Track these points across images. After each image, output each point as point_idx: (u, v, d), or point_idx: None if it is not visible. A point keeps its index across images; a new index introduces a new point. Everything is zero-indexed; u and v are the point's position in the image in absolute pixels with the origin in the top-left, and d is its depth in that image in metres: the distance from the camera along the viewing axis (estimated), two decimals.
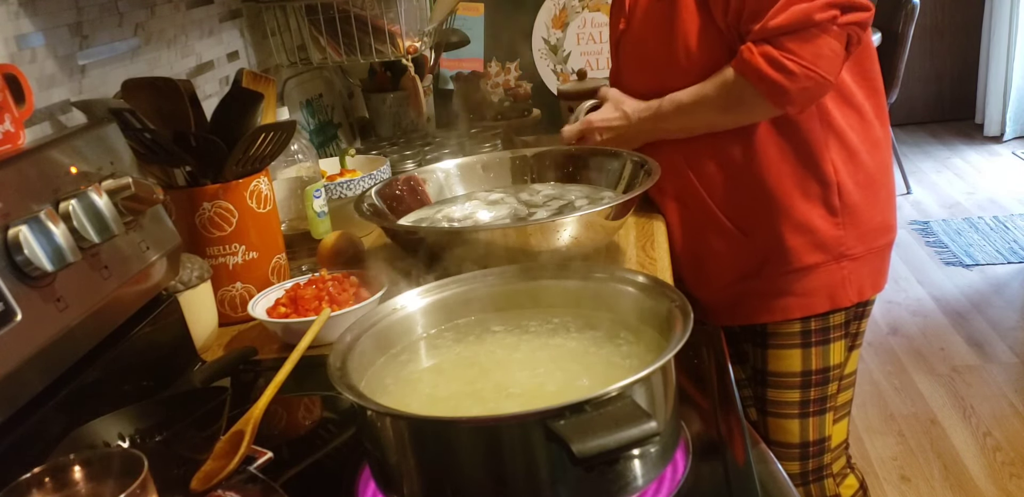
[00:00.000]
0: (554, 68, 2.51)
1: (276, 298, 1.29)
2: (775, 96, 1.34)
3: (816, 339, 1.53)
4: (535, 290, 1.05)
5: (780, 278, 1.50)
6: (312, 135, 2.07)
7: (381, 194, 1.45)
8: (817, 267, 1.49)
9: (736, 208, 1.49)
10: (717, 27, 1.41)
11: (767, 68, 1.32)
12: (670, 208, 1.57)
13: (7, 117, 1.03)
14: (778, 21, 1.30)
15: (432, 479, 0.83)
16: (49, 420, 0.94)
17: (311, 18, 1.85)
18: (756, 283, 1.51)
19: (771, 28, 1.31)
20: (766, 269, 1.50)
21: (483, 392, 0.91)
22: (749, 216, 1.48)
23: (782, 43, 1.31)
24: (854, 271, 1.51)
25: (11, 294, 0.87)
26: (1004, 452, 2.52)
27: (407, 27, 1.83)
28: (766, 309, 1.53)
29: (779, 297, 1.51)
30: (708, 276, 1.55)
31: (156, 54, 1.53)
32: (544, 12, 2.49)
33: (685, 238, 1.56)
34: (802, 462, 1.61)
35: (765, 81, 1.33)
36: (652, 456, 0.82)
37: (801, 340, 1.54)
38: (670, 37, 1.45)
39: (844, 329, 1.55)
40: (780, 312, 1.52)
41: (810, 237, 1.47)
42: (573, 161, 1.53)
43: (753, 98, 1.36)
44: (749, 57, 1.34)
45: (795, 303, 1.51)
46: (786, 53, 1.31)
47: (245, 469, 0.93)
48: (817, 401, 1.56)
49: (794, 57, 1.31)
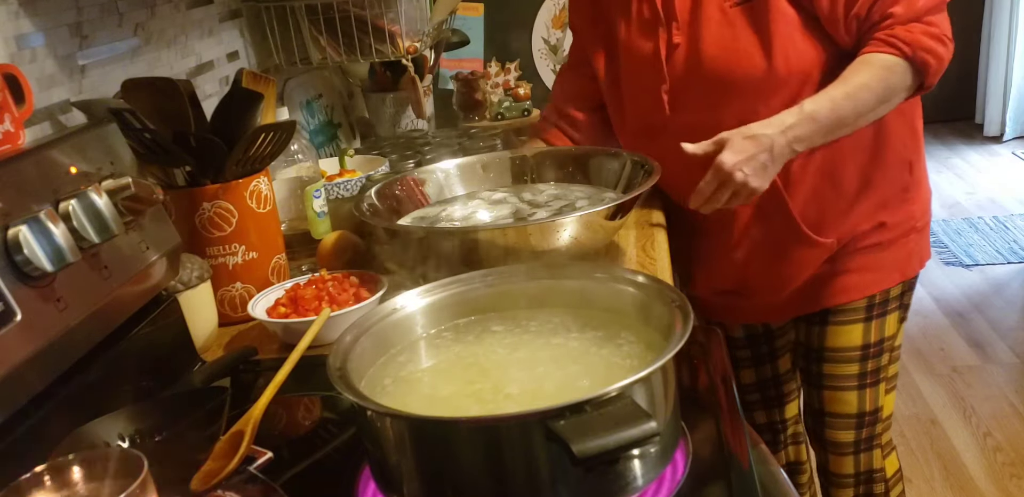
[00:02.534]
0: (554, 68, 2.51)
1: (276, 298, 1.29)
2: (938, 72, 1.32)
3: (877, 312, 1.54)
4: (535, 290, 1.05)
5: (851, 257, 1.50)
6: (312, 135, 2.07)
7: (381, 194, 1.45)
8: (891, 243, 1.50)
9: (816, 212, 1.46)
10: (816, 25, 1.35)
11: (935, 44, 1.30)
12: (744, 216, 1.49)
13: (7, 117, 1.03)
14: (924, 2, 1.30)
15: (432, 479, 0.83)
16: (49, 420, 0.94)
17: (311, 18, 1.85)
18: (828, 267, 1.51)
19: (920, 8, 1.30)
20: (840, 258, 1.50)
21: (483, 392, 0.91)
22: (827, 219, 1.47)
23: (932, 19, 1.31)
24: (919, 242, 1.54)
25: (11, 294, 0.87)
26: (1004, 452, 2.52)
27: (407, 27, 1.83)
28: (840, 290, 1.53)
29: (852, 275, 1.51)
30: (784, 276, 1.53)
31: (156, 54, 1.53)
32: (544, 12, 2.49)
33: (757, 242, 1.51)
34: (857, 431, 1.62)
35: (935, 58, 1.30)
36: (652, 456, 0.82)
37: (865, 314, 1.54)
38: (765, 44, 1.35)
39: (900, 300, 1.56)
40: (854, 290, 1.52)
41: (885, 215, 1.48)
42: (573, 161, 1.53)
43: (908, 83, 1.31)
44: (915, 38, 1.29)
45: (870, 279, 1.51)
46: (938, 29, 1.31)
47: (245, 469, 0.93)
48: (872, 373, 1.58)
49: (944, 31, 1.32)
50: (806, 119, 1.27)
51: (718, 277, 1.58)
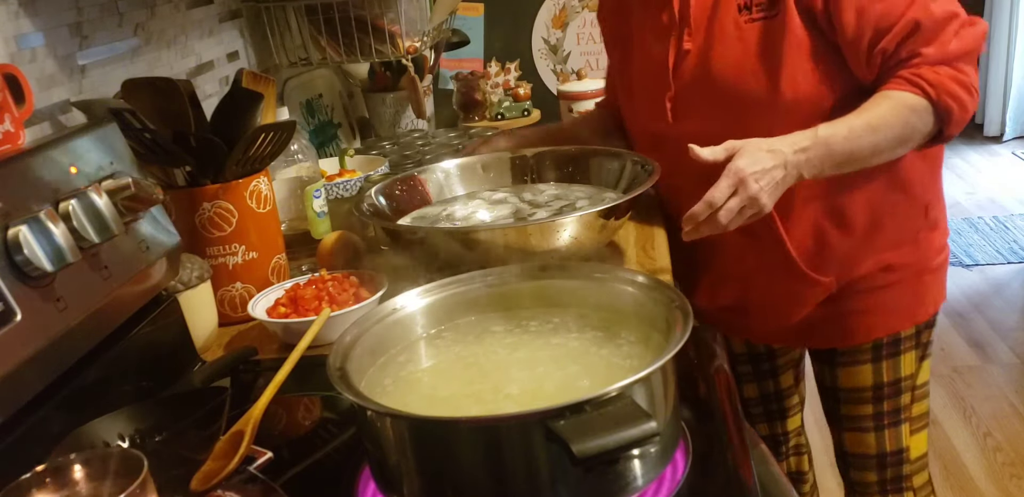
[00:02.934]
0: (554, 68, 2.51)
1: (276, 298, 1.29)
2: (961, 121, 1.24)
3: (887, 352, 1.46)
4: (535, 290, 1.05)
5: (853, 298, 1.41)
6: (312, 135, 2.07)
7: (381, 194, 1.45)
8: (898, 285, 1.41)
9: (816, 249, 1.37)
10: (835, 53, 1.27)
11: (961, 91, 1.22)
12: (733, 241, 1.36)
13: (7, 117, 1.03)
14: (960, 44, 1.22)
15: (432, 479, 0.83)
16: (49, 420, 0.94)
17: (311, 18, 1.85)
18: (832, 309, 1.42)
19: (953, 52, 1.22)
20: (843, 297, 1.41)
21: (483, 392, 0.91)
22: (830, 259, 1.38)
23: (962, 67, 1.23)
24: (931, 284, 1.44)
25: (11, 294, 0.87)
26: (1004, 452, 2.52)
27: (407, 27, 1.83)
28: (846, 331, 1.45)
29: (857, 317, 1.42)
30: (782, 307, 1.44)
31: (156, 54, 1.53)
32: (544, 12, 2.49)
33: (754, 271, 1.43)
34: (879, 472, 1.55)
35: (960, 105, 1.22)
36: (652, 456, 0.82)
37: (872, 355, 1.46)
38: (773, 66, 1.27)
39: (915, 340, 1.47)
40: (861, 334, 1.44)
41: (893, 257, 1.39)
42: (573, 161, 1.53)
43: (928, 127, 1.23)
44: (941, 82, 1.21)
45: (874, 322, 1.43)
46: (967, 76, 1.23)
47: (245, 469, 0.93)
48: (891, 413, 1.50)
49: (972, 80, 1.24)
50: (820, 143, 1.19)
51: (717, 292, 1.51)
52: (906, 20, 1.21)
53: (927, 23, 1.21)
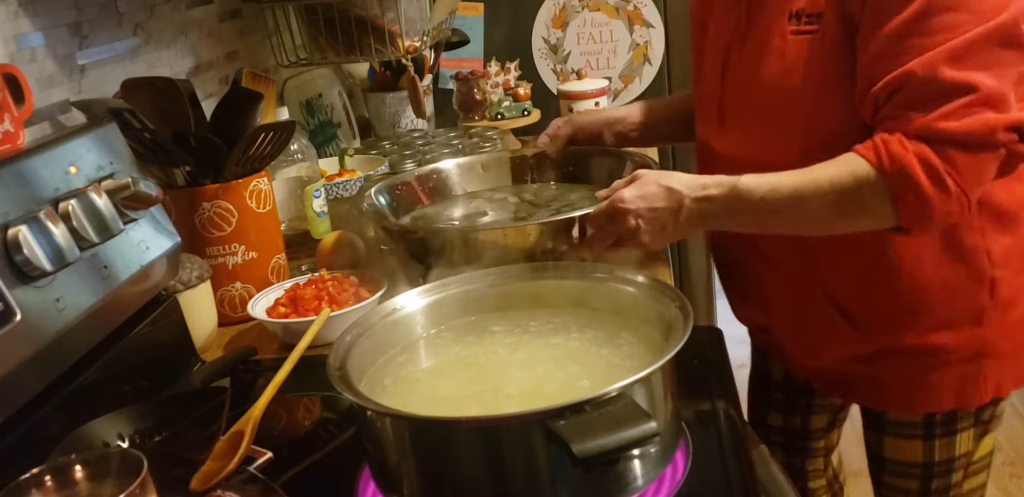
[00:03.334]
0: (554, 68, 2.51)
1: (276, 298, 1.29)
2: (915, 214, 1.02)
3: (941, 431, 1.27)
4: (535, 290, 1.05)
5: (898, 369, 1.22)
6: (312, 135, 2.07)
7: (382, 193, 1.44)
8: (948, 365, 1.20)
9: (852, 300, 1.20)
10: None
11: (924, 179, 0.99)
12: (757, 267, 1.27)
13: (7, 117, 1.03)
14: (955, 125, 0.98)
15: (432, 479, 0.83)
16: (49, 420, 0.94)
17: (311, 18, 1.84)
18: (868, 369, 1.24)
19: (941, 130, 0.98)
20: (881, 360, 1.22)
21: (482, 392, 0.91)
22: (867, 311, 1.19)
23: (947, 153, 0.99)
24: (995, 368, 1.21)
25: (11, 294, 0.87)
26: (1004, 452, 2.52)
27: (407, 27, 1.83)
28: (881, 397, 1.27)
29: (897, 387, 1.24)
30: (808, 346, 1.29)
31: (156, 54, 1.53)
32: (544, 12, 2.49)
33: (775, 302, 1.29)
34: None
35: (916, 194, 1.00)
36: (652, 456, 0.82)
37: (923, 431, 1.27)
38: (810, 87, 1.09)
39: (975, 418, 1.26)
40: (898, 403, 1.26)
41: (943, 341, 1.18)
42: (573, 161, 1.52)
43: (880, 208, 1.02)
44: (903, 157, 0.99)
45: (918, 397, 1.24)
46: (949, 166, 0.99)
47: (245, 469, 0.93)
48: (939, 491, 1.32)
49: (956, 174, 0.99)
50: (731, 197, 1.05)
51: (749, 308, 1.37)
52: (901, 70, 1.00)
53: (922, 83, 0.99)
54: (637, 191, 1.08)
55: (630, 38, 2.49)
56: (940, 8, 0.99)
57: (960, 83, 0.98)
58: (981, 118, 0.98)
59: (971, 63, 0.98)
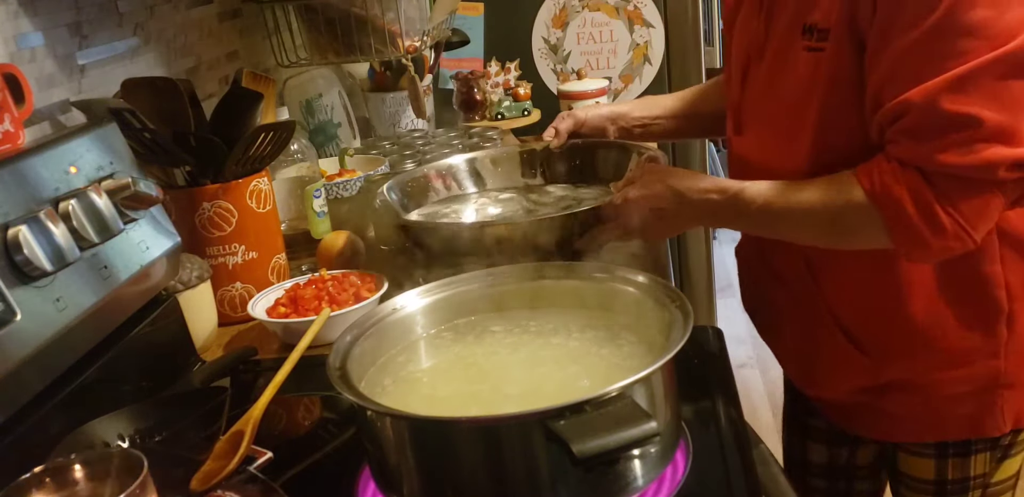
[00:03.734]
0: (554, 68, 2.51)
1: (276, 298, 1.29)
2: (908, 245, 0.99)
3: (955, 451, 1.22)
4: (535, 290, 1.05)
5: (909, 403, 1.18)
6: (312, 135, 2.07)
7: (394, 189, 1.43)
8: (962, 397, 1.16)
9: (859, 326, 1.16)
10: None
11: (914, 213, 0.96)
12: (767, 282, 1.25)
13: (7, 117, 1.03)
14: (955, 160, 0.93)
15: (432, 479, 0.83)
16: (49, 420, 0.94)
17: (311, 18, 1.84)
18: (877, 400, 1.20)
19: (940, 163, 0.94)
20: (891, 392, 1.18)
21: (482, 392, 0.91)
22: (875, 340, 1.16)
23: (945, 188, 0.95)
24: (1012, 399, 1.16)
25: (11, 294, 0.87)
26: None
27: (407, 27, 1.83)
28: (889, 428, 1.23)
29: (907, 419, 1.20)
30: (813, 376, 1.26)
31: (156, 54, 1.53)
32: (544, 12, 2.49)
33: (782, 324, 1.26)
34: None
35: (906, 227, 0.97)
36: (652, 456, 0.82)
37: (936, 451, 1.22)
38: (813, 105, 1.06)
39: (990, 443, 1.21)
40: (906, 434, 1.23)
41: (957, 372, 1.14)
42: (581, 155, 1.51)
43: (874, 234, 1.00)
44: (894, 189, 0.96)
45: (927, 427, 1.20)
46: (946, 203, 0.95)
47: (245, 469, 0.93)
48: None
49: (953, 211, 0.95)
50: (729, 202, 1.06)
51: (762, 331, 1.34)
52: (901, 98, 0.95)
53: (921, 114, 0.94)
54: (644, 190, 1.12)
55: (630, 38, 2.49)
56: (950, 32, 0.92)
57: (961, 116, 0.92)
58: (984, 154, 0.92)
59: (974, 95, 0.92)
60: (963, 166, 0.93)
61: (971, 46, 0.91)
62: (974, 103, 0.92)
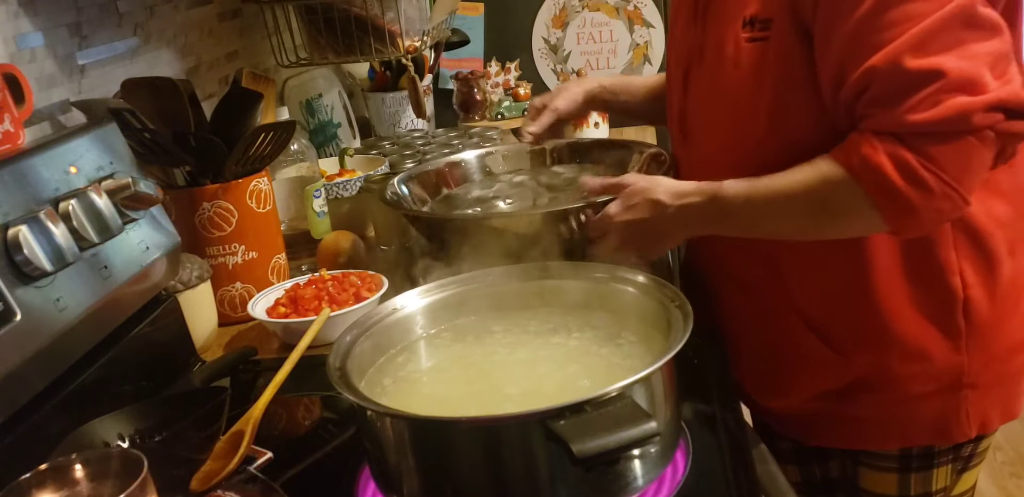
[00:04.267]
0: (554, 68, 2.51)
1: (276, 298, 1.29)
2: (898, 215, 0.97)
3: (917, 465, 1.21)
4: (535, 290, 1.05)
5: (874, 405, 1.17)
6: (312, 135, 2.07)
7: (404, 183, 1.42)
8: (926, 397, 1.15)
9: (826, 321, 1.15)
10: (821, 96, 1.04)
11: (897, 178, 0.94)
12: (727, 292, 1.24)
13: (7, 117, 1.03)
14: (925, 116, 0.92)
15: (432, 479, 0.83)
16: (49, 420, 0.94)
17: (311, 18, 1.84)
18: (841, 405, 1.18)
19: (911, 123, 0.93)
20: (857, 394, 1.17)
21: (482, 392, 0.91)
22: (843, 333, 1.15)
23: (923, 147, 0.94)
24: (977, 402, 1.15)
25: (11, 294, 0.87)
26: (1004, 452, 2.52)
27: (407, 27, 1.83)
28: (853, 435, 1.21)
29: (871, 424, 1.19)
30: (775, 384, 1.24)
31: (155, 54, 1.53)
32: (544, 12, 2.49)
33: (743, 332, 1.24)
34: None
35: (890, 195, 0.95)
36: (652, 456, 0.82)
37: (899, 464, 1.22)
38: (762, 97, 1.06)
39: (952, 454, 1.21)
40: (870, 440, 1.21)
41: (921, 365, 1.13)
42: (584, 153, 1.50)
43: (861, 211, 0.99)
44: (872, 157, 0.95)
45: (892, 432, 1.19)
46: (925, 161, 0.94)
47: (245, 469, 0.93)
48: None
49: (935, 168, 0.94)
50: (710, 203, 1.06)
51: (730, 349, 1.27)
52: (863, 68, 0.95)
53: (887, 78, 0.94)
54: (622, 204, 1.11)
55: (630, 38, 2.49)
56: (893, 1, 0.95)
57: (925, 71, 0.92)
58: (952, 104, 0.92)
59: (934, 48, 0.93)
60: (935, 121, 0.93)
61: (921, 9, 0.93)
62: (935, 56, 0.92)
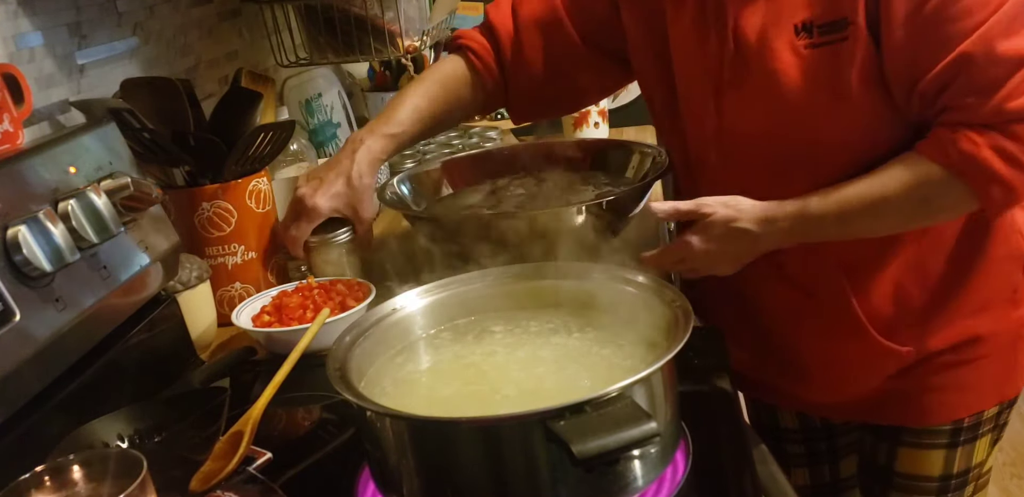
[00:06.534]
0: None
1: (262, 306, 1.27)
2: (1003, 202, 0.99)
3: (965, 437, 1.22)
4: (535, 290, 1.05)
5: (934, 373, 1.18)
6: (311, 135, 2.07)
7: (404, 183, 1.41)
8: (988, 357, 1.17)
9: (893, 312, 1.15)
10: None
11: (1006, 170, 0.95)
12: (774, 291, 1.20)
13: (6, 117, 1.03)
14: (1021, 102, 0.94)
15: (432, 480, 0.83)
16: (48, 420, 0.94)
17: (310, 18, 1.84)
18: (901, 383, 1.19)
19: (1010, 110, 0.94)
20: (917, 370, 1.18)
21: (482, 393, 0.91)
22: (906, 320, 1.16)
23: (1015, 131, 0.95)
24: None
25: (10, 294, 0.87)
26: (1004, 452, 2.52)
27: (407, 26, 1.83)
28: (921, 410, 1.21)
29: (937, 395, 1.19)
30: (838, 377, 1.23)
31: (155, 53, 1.53)
32: None
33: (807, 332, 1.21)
34: None
35: (1000, 186, 0.97)
36: (652, 457, 0.82)
37: (949, 439, 1.22)
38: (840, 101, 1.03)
39: (995, 421, 1.24)
40: (937, 413, 1.21)
41: (981, 324, 1.16)
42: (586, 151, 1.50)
43: (964, 203, 1.01)
44: (976, 153, 0.95)
45: (957, 401, 1.19)
46: (1022, 144, 0.95)
47: (244, 470, 0.93)
48: None
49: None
50: (800, 224, 1.04)
51: (766, 355, 1.26)
52: (955, 55, 0.94)
53: (982, 62, 0.93)
54: (706, 235, 1.07)
55: None
56: None
57: (1016, 57, 0.93)
58: None
59: (1022, 32, 0.93)
60: None
61: None
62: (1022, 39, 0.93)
